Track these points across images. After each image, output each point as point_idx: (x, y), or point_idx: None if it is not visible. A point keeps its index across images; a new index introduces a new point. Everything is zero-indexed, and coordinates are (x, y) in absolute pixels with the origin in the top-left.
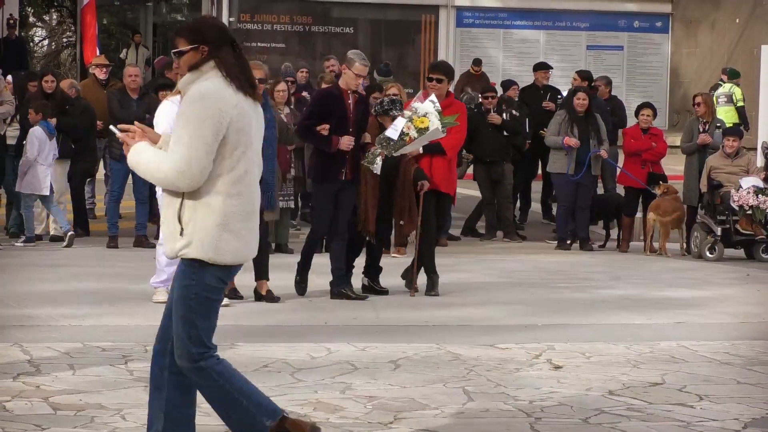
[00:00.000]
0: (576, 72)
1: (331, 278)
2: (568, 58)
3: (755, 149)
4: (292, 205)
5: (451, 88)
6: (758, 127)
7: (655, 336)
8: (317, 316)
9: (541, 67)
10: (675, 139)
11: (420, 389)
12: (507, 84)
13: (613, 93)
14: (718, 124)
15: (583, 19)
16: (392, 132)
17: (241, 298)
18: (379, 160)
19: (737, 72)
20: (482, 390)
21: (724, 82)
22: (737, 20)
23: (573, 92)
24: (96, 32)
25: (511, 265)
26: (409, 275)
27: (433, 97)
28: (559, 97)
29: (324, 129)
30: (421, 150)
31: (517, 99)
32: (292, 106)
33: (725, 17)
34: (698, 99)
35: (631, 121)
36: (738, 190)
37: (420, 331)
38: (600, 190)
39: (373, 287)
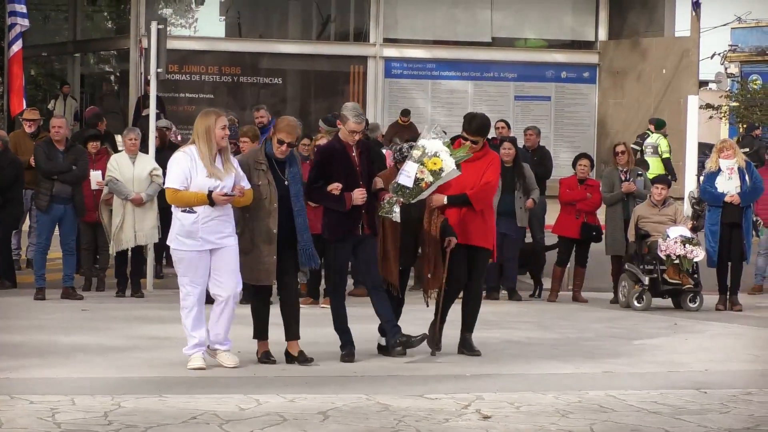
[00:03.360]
0: (501, 120)
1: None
2: (496, 108)
3: (682, 199)
4: None
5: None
6: (685, 177)
7: (583, 385)
8: (246, 367)
9: None
10: None
11: None
12: None
13: (540, 143)
14: (639, 172)
15: (511, 69)
16: (405, 179)
17: (273, 362)
18: (396, 208)
19: (663, 121)
20: None
21: (652, 132)
22: (664, 71)
23: (499, 143)
24: (23, 83)
25: None
26: (432, 332)
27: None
28: None
29: (336, 188)
30: (445, 201)
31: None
32: None
33: (652, 68)
34: (621, 148)
35: (559, 172)
36: (665, 239)
37: (349, 381)
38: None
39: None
